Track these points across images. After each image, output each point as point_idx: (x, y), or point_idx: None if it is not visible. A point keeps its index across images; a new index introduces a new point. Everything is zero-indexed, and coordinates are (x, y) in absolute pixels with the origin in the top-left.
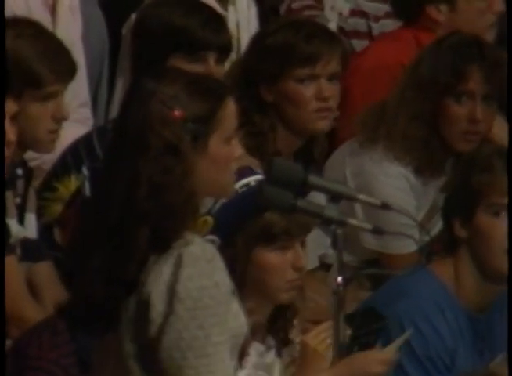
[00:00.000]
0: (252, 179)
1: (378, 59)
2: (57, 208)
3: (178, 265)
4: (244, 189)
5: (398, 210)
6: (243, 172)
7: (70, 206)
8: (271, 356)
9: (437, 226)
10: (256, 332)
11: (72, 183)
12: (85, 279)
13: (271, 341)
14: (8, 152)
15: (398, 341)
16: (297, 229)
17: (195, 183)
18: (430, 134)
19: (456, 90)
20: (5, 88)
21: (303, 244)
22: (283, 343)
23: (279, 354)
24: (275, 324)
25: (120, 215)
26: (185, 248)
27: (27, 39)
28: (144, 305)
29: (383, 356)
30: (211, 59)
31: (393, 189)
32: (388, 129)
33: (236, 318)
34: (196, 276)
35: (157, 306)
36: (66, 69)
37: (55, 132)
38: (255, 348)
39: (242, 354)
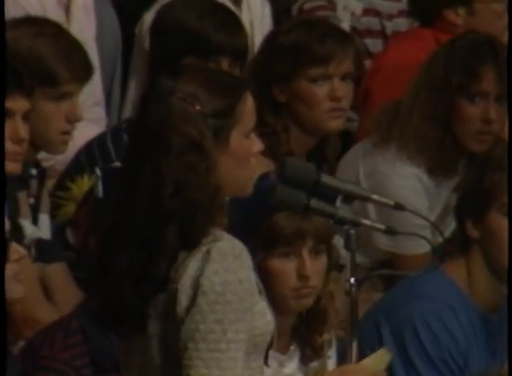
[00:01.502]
0: None
1: (398, 58)
2: (70, 208)
3: (205, 260)
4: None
5: (412, 210)
6: (265, 177)
7: (83, 206)
8: (292, 367)
9: (450, 227)
10: (276, 340)
11: (85, 183)
12: (113, 279)
13: (294, 351)
14: (20, 149)
15: (386, 356)
16: (302, 235)
17: (219, 179)
18: (444, 134)
19: (470, 90)
20: (7, 87)
21: (316, 252)
22: (313, 351)
23: (303, 362)
24: (298, 331)
25: (146, 214)
26: (213, 244)
27: (46, 38)
28: (172, 301)
29: (373, 370)
30: (224, 63)
31: (406, 190)
32: (401, 129)
33: (263, 316)
34: (221, 271)
35: (183, 301)
36: (83, 70)
37: (67, 134)
38: (274, 357)
39: (267, 353)
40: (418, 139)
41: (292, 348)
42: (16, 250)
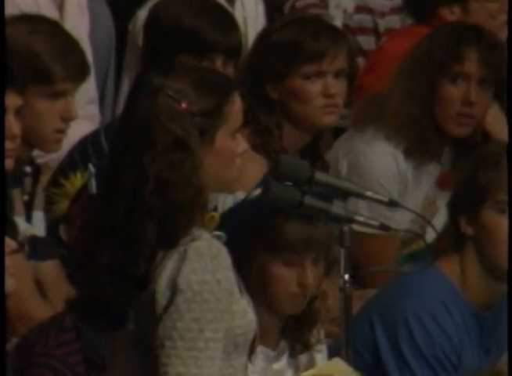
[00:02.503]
0: None
1: (393, 55)
2: (63, 205)
3: (182, 260)
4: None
5: (406, 207)
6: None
7: (76, 203)
8: (281, 363)
9: (437, 223)
10: (265, 337)
11: (78, 180)
12: (94, 276)
13: (284, 347)
14: (13, 146)
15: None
16: (308, 245)
17: (203, 179)
18: (423, 113)
19: (452, 70)
20: (7, 82)
21: (317, 260)
22: (303, 347)
23: (293, 356)
24: (288, 328)
25: (127, 211)
26: (191, 244)
27: (42, 35)
28: (150, 302)
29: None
30: (218, 60)
31: (380, 169)
32: (381, 108)
33: (244, 315)
34: (199, 271)
35: (161, 301)
36: (78, 68)
37: (61, 132)
38: (264, 352)
39: (252, 351)
40: (397, 118)
41: (282, 343)
42: (7, 244)
